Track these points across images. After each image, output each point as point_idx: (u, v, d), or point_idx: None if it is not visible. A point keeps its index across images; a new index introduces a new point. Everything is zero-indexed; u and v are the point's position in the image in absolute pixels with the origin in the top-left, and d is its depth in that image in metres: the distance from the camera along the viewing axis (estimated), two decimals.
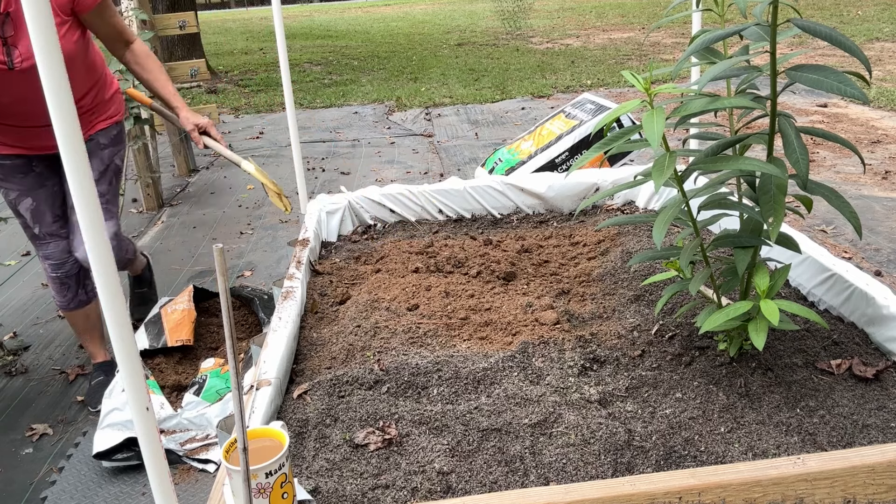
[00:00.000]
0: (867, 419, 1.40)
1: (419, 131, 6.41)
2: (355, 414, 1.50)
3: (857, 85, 1.27)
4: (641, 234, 2.39)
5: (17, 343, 2.96)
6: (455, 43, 12.89)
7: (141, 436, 0.96)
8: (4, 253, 4.02)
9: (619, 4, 18.55)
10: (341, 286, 2.17)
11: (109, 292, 0.90)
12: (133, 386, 0.94)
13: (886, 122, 5.58)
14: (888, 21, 11.16)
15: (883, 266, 3.14)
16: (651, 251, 1.64)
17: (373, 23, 18.59)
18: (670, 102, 1.42)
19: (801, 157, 1.34)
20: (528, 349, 1.71)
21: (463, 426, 1.44)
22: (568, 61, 9.74)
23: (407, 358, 1.70)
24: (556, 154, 3.53)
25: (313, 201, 2.71)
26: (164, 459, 0.99)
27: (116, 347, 0.92)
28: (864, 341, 1.68)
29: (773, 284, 1.46)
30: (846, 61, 7.70)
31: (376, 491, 1.28)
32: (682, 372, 1.60)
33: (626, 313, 1.88)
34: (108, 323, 0.91)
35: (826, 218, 3.71)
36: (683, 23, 12.14)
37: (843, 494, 1.16)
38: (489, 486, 1.29)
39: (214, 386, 2.19)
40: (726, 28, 1.37)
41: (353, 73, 10.15)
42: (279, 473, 1.10)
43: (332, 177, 5.12)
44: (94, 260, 0.88)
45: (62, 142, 0.84)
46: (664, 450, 1.34)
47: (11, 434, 2.37)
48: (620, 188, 1.54)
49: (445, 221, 2.74)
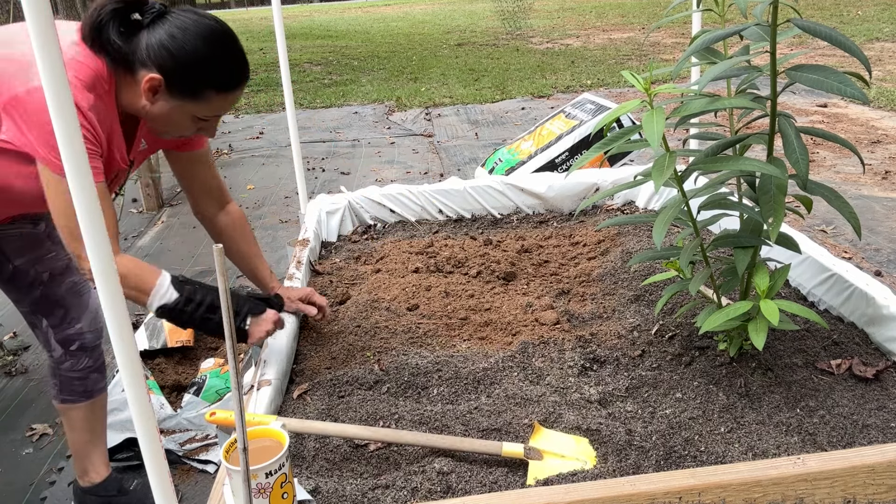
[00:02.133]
0: (867, 419, 1.40)
1: (419, 131, 6.41)
2: (355, 414, 1.50)
3: (857, 85, 1.27)
4: (641, 234, 2.39)
5: (17, 343, 2.96)
6: (455, 43, 12.88)
7: (141, 436, 0.96)
8: None
9: (619, 4, 18.54)
10: (341, 286, 2.17)
11: (109, 292, 0.90)
12: (133, 386, 0.94)
13: (886, 122, 5.58)
14: (888, 21, 11.15)
15: (883, 266, 3.14)
16: (651, 251, 1.64)
17: (373, 23, 18.59)
18: (670, 102, 1.42)
19: (801, 157, 1.34)
20: (528, 349, 1.71)
21: (463, 426, 1.44)
22: (568, 61, 9.74)
23: (407, 358, 1.70)
24: (556, 154, 3.53)
25: (313, 201, 2.71)
26: (164, 459, 0.99)
27: (116, 347, 0.92)
28: (864, 341, 1.68)
29: (773, 284, 1.46)
30: (846, 61, 7.70)
31: (376, 491, 1.28)
32: (682, 372, 1.60)
33: (626, 313, 1.88)
34: (107, 322, 0.91)
35: (826, 218, 3.70)
36: (683, 23, 12.14)
37: (843, 494, 1.16)
38: (489, 486, 1.29)
39: (214, 386, 2.19)
40: (726, 28, 1.37)
41: (353, 73, 10.15)
42: (279, 473, 1.10)
43: (332, 177, 5.12)
44: (94, 259, 0.88)
45: (62, 142, 0.84)
46: (664, 450, 1.34)
47: (11, 434, 2.37)
48: (620, 188, 1.54)
49: (445, 221, 2.74)
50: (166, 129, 1.52)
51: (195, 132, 1.55)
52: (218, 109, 1.50)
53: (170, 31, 1.41)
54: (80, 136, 0.85)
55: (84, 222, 0.87)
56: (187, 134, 1.55)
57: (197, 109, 1.47)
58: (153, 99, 1.45)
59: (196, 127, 1.52)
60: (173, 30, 1.41)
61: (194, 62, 1.41)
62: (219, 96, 1.47)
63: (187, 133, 1.55)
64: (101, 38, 1.41)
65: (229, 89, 1.47)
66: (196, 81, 1.43)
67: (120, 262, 1.41)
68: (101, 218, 0.88)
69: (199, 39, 1.41)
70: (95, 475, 1.88)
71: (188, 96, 1.45)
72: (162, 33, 1.41)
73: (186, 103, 1.45)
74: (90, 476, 1.88)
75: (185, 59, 1.40)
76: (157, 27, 1.41)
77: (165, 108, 1.46)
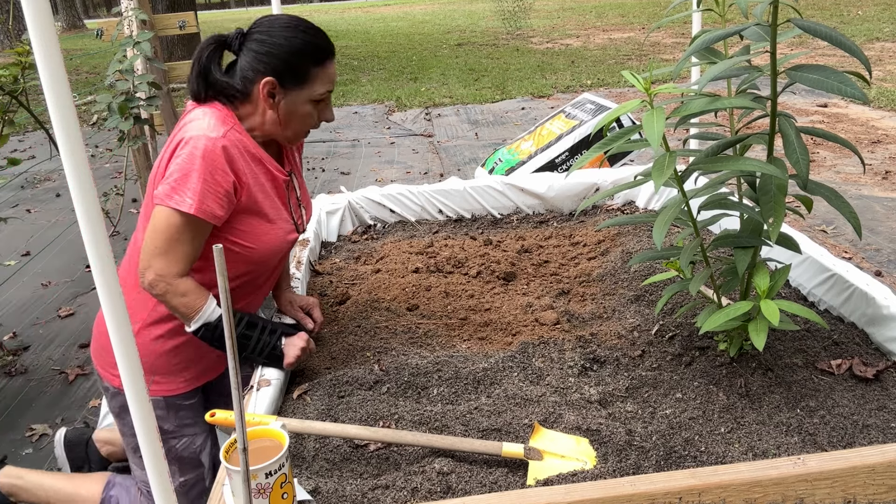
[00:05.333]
0: (867, 419, 1.40)
1: (419, 131, 6.41)
2: (355, 414, 1.50)
3: (857, 85, 1.26)
4: (641, 234, 2.39)
5: (17, 343, 2.96)
6: (455, 43, 12.88)
7: (141, 436, 0.96)
8: (4, 253, 4.02)
9: (619, 4, 18.54)
10: (341, 286, 2.17)
11: (109, 291, 0.90)
12: (133, 386, 0.94)
13: (886, 122, 5.58)
14: (888, 21, 11.15)
15: (883, 266, 3.14)
16: (651, 251, 1.64)
17: (373, 23, 18.59)
18: (670, 102, 1.42)
19: (801, 157, 1.34)
20: (528, 349, 1.71)
21: (463, 426, 1.44)
22: (568, 61, 9.74)
23: (407, 358, 1.70)
24: (556, 154, 3.53)
25: (313, 201, 2.71)
26: (164, 459, 0.99)
27: (116, 347, 0.92)
28: (865, 341, 1.68)
29: (773, 284, 1.46)
30: (846, 61, 7.70)
31: (376, 491, 1.27)
32: (683, 372, 1.59)
33: (626, 313, 1.88)
34: (107, 322, 0.91)
35: (826, 218, 3.70)
36: (683, 23, 12.14)
37: (844, 495, 1.16)
38: (489, 486, 1.29)
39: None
40: (727, 28, 1.37)
41: (353, 73, 10.15)
42: (279, 473, 1.10)
43: (332, 177, 5.12)
44: (93, 259, 0.88)
45: (62, 142, 0.84)
46: (664, 450, 1.34)
47: (11, 434, 2.37)
48: (620, 188, 1.53)
49: (445, 221, 2.74)
50: (297, 127, 1.63)
51: (318, 121, 1.66)
52: (326, 83, 1.61)
53: (258, 39, 1.56)
54: (79, 136, 0.85)
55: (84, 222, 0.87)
56: (313, 124, 1.66)
57: (311, 92, 1.59)
58: (273, 104, 1.58)
59: (317, 113, 1.64)
60: (260, 37, 1.55)
61: (290, 50, 1.55)
62: (321, 70, 1.59)
63: (312, 122, 1.65)
64: (209, 81, 1.58)
65: (326, 59, 1.60)
66: (299, 65, 1.56)
67: (181, 284, 1.52)
68: (100, 217, 0.88)
69: (283, 31, 1.55)
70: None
71: (299, 82, 1.57)
72: (253, 46, 1.55)
73: (301, 91, 1.58)
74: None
75: (282, 52, 1.54)
76: (246, 46, 1.57)
77: (287, 106, 1.59)
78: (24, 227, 4.42)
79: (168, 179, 1.49)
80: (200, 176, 1.47)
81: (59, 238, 4.23)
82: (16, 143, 6.82)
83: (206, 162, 1.48)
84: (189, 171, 1.47)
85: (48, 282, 3.61)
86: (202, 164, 1.47)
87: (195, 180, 1.47)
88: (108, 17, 26.72)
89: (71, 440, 2.13)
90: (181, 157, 1.49)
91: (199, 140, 1.49)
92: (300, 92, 1.58)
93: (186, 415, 1.74)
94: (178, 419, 1.73)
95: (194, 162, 1.47)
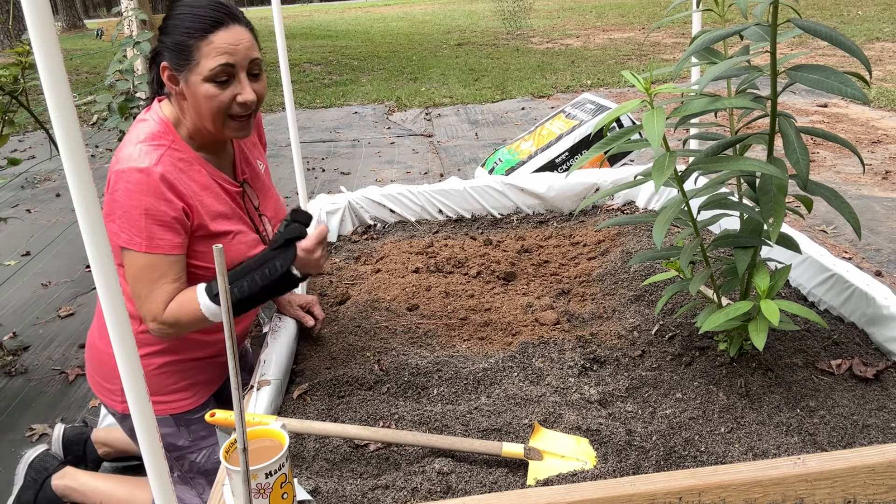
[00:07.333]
0: (867, 419, 1.40)
1: (419, 131, 6.41)
2: (355, 414, 1.50)
3: (857, 85, 1.26)
4: (641, 234, 2.39)
5: (17, 343, 2.96)
6: (455, 43, 12.88)
7: (141, 436, 0.96)
8: (4, 253, 4.02)
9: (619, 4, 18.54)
10: (341, 286, 2.17)
11: (109, 291, 0.90)
12: (132, 386, 0.94)
13: (886, 122, 5.58)
14: (888, 21, 11.15)
15: (883, 266, 3.14)
16: (651, 251, 1.64)
17: (373, 23, 18.59)
18: (670, 102, 1.42)
19: (801, 157, 1.34)
20: (528, 349, 1.71)
21: (463, 426, 1.44)
22: (568, 61, 9.74)
23: (407, 358, 1.70)
24: (556, 154, 3.53)
25: (313, 201, 2.71)
26: (164, 459, 0.99)
27: (116, 347, 0.92)
28: (865, 341, 1.68)
29: (773, 285, 1.46)
30: (846, 61, 7.70)
31: (376, 491, 1.27)
32: (683, 372, 1.59)
33: (626, 313, 1.88)
34: (107, 321, 0.91)
35: (826, 218, 3.71)
36: (683, 23, 12.14)
37: (844, 495, 1.16)
38: (489, 486, 1.29)
39: None
40: (727, 28, 1.37)
41: (353, 73, 10.15)
42: (279, 473, 1.10)
43: (332, 177, 5.12)
44: (93, 259, 0.88)
45: (62, 142, 0.83)
46: (664, 450, 1.34)
47: (11, 434, 2.37)
48: (620, 188, 1.53)
49: (445, 221, 2.74)
50: (210, 113, 1.50)
51: (235, 104, 1.51)
52: (216, 57, 1.46)
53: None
54: (79, 136, 0.85)
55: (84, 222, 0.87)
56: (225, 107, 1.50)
57: (201, 68, 1.47)
58: (178, 90, 1.51)
59: (226, 93, 1.49)
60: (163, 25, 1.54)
61: (172, 30, 1.50)
62: (204, 42, 1.47)
63: (223, 105, 1.50)
64: (155, 82, 1.59)
65: (207, 30, 1.47)
66: (180, 42, 1.48)
67: (168, 313, 1.48)
68: (100, 217, 0.88)
69: (173, 13, 1.52)
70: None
71: (185, 62, 1.48)
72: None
73: (192, 72, 1.48)
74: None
75: (168, 32, 1.50)
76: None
77: (190, 90, 1.50)
78: (24, 227, 4.42)
79: (113, 217, 1.44)
80: (142, 212, 1.41)
81: (59, 238, 4.23)
82: (16, 143, 6.82)
83: (145, 197, 1.42)
84: (129, 209, 1.42)
85: (48, 282, 3.61)
86: (141, 201, 1.41)
87: (138, 217, 1.41)
88: (108, 17, 26.71)
89: (70, 438, 2.13)
90: (118, 193, 1.43)
91: (132, 175, 1.42)
92: (191, 73, 1.48)
93: (198, 428, 1.72)
94: (192, 433, 1.72)
95: (131, 198, 1.42)
